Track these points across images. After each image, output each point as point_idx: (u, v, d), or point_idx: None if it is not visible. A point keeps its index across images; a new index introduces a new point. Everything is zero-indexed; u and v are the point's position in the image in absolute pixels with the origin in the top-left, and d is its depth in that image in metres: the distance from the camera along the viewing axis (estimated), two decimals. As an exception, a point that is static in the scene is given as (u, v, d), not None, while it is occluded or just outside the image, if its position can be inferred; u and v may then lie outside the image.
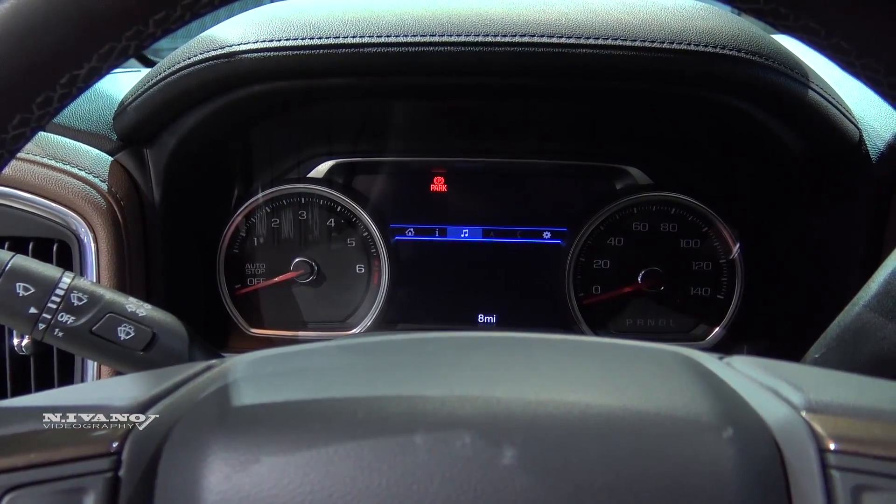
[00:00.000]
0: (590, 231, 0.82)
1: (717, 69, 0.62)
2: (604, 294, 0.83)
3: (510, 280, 0.86)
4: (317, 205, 0.85)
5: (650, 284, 0.82)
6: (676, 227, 0.82)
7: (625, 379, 0.34)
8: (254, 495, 0.28)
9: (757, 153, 0.75)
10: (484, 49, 0.62)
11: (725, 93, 0.64)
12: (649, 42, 0.60)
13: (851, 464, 0.29)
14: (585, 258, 0.83)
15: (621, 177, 0.84)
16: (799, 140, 0.67)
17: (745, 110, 0.66)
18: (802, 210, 0.73)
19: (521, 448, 0.28)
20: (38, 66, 0.30)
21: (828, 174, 0.69)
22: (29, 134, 0.32)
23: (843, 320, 0.51)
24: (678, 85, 0.64)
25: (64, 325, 0.44)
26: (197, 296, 0.82)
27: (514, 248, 0.86)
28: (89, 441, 0.30)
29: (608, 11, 0.62)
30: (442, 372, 0.35)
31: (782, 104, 0.64)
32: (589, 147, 0.84)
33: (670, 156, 0.83)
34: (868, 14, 0.29)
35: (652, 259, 0.82)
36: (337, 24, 0.65)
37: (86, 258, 0.67)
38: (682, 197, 0.81)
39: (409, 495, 0.27)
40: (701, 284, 0.82)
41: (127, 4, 0.30)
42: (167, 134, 0.73)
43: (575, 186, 0.85)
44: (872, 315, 0.49)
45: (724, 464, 0.29)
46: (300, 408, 0.32)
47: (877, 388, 0.34)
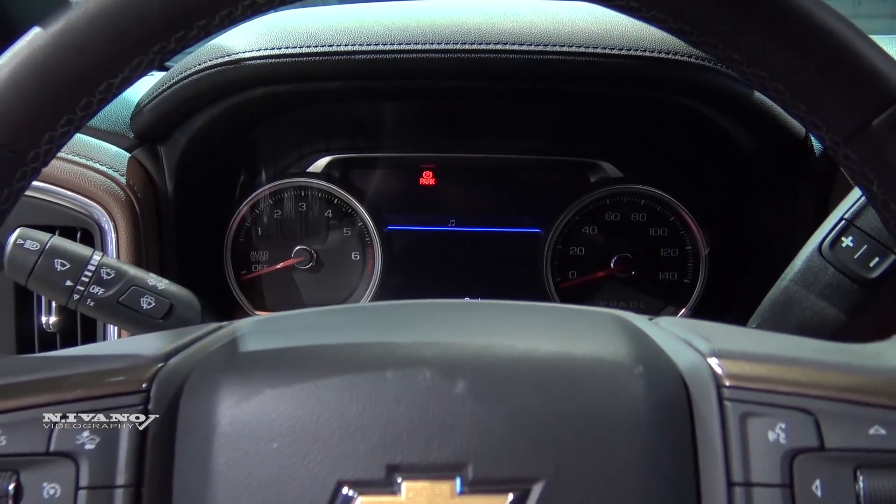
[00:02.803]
0: (566, 221, 0.88)
1: (671, 73, 0.68)
2: (579, 278, 0.89)
3: (493, 266, 0.91)
4: (316, 197, 0.90)
5: (622, 269, 0.87)
6: (646, 217, 0.88)
7: (560, 330, 0.40)
8: (257, 419, 0.33)
9: (714, 149, 0.81)
10: (461, 55, 0.68)
11: (680, 94, 0.70)
12: (609, 49, 0.67)
13: (741, 396, 0.34)
14: (562, 246, 0.88)
15: (595, 171, 0.89)
16: (749, 137, 0.73)
17: (699, 110, 0.72)
18: (755, 201, 0.78)
19: (469, 380, 0.34)
20: (81, 76, 0.35)
21: (776, 169, 0.74)
22: (72, 132, 0.37)
23: (773, 294, 0.58)
24: (636, 87, 0.70)
25: (95, 296, 0.51)
26: (206, 280, 0.87)
27: (497, 236, 0.91)
28: (124, 382, 0.35)
29: (573, 21, 0.69)
30: (410, 325, 0.41)
31: (732, 104, 0.70)
32: (565, 144, 0.89)
33: (639, 151, 0.88)
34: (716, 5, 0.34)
35: (623, 246, 0.88)
36: (331, 34, 0.71)
37: (106, 244, 0.73)
38: (650, 189, 0.86)
39: (380, 417, 0.33)
40: (668, 269, 0.88)
41: (153, 27, 0.35)
42: (179, 132, 0.78)
43: (552, 180, 0.90)
44: (797, 288, 0.56)
45: (638, 395, 0.34)
46: (294, 352, 0.37)
47: (773, 339, 0.40)
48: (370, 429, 0.33)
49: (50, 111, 0.35)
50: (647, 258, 0.88)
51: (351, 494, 0.32)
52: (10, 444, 0.33)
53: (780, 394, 0.34)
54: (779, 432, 0.33)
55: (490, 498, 0.32)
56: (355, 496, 0.32)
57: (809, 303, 0.55)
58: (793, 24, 0.33)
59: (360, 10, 0.76)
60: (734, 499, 0.32)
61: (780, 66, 0.34)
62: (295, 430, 0.33)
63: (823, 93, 0.34)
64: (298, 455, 0.33)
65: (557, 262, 0.89)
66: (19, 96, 0.35)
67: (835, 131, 0.35)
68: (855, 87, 0.33)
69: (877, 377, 0.34)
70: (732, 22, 0.34)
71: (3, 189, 0.36)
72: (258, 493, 0.32)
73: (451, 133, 0.91)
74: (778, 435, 0.33)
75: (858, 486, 0.32)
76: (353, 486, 0.32)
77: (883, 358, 0.36)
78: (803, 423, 0.33)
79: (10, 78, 0.34)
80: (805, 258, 0.56)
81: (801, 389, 0.34)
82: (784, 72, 0.34)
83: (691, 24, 0.34)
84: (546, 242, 0.88)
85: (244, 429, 0.33)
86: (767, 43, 0.34)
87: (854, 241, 0.53)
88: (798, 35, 0.33)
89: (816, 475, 0.32)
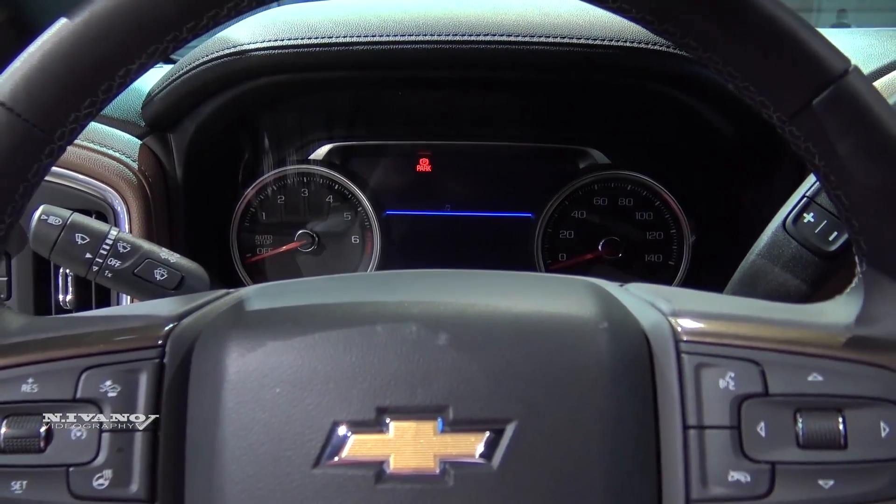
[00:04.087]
0: (556, 205, 0.90)
1: (649, 62, 0.71)
2: (569, 260, 0.92)
3: (486, 248, 0.94)
4: (317, 183, 0.93)
5: (609, 252, 0.90)
6: (632, 202, 0.90)
7: (536, 293, 0.42)
8: (261, 369, 0.36)
9: (695, 136, 0.84)
10: (453, 46, 0.72)
11: (660, 83, 0.73)
12: (591, 40, 0.70)
13: (696, 349, 0.37)
14: (552, 229, 0.91)
15: (583, 157, 0.92)
16: (727, 124, 0.76)
17: (680, 99, 0.75)
18: (735, 185, 0.81)
19: (451, 334, 0.37)
20: (103, 62, 0.37)
21: (753, 153, 0.77)
22: (94, 113, 0.39)
23: (742, 267, 0.61)
24: (619, 77, 0.73)
25: (112, 268, 0.53)
26: (212, 261, 0.90)
27: (490, 220, 0.94)
28: (142, 337, 0.38)
29: (559, 14, 0.72)
30: (399, 288, 0.45)
31: (709, 93, 0.73)
32: (555, 132, 0.92)
33: (625, 139, 0.91)
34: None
35: (611, 230, 0.90)
36: (330, 26, 0.74)
37: (120, 226, 0.76)
38: (636, 175, 0.89)
39: (371, 366, 0.36)
40: (654, 252, 0.91)
41: (168, 17, 0.37)
42: (188, 121, 0.80)
43: (543, 167, 0.93)
44: (763, 262, 0.59)
45: (604, 348, 0.37)
46: (294, 311, 0.40)
47: (728, 300, 0.43)
48: (362, 376, 0.36)
49: (75, 93, 0.38)
50: (633, 241, 0.91)
51: (345, 433, 0.35)
52: (41, 391, 0.36)
53: (731, 346, 0.36)
54: (728, 380, 0.36)
55: (468, 436, 0.35)
56: (349, 434, 0.35)
57: (775, 275, 0.58)
58: (741, 13, 0.37)
59: (358, 4, 0.79)
60: (689, 439, 0.35)
61: (730, 51, 0.37)
62: (295, 378, 0.36)
63: (769, 76, 0.37)
64: (298, 399, 0.35)
65: (548, 245, 0.91)
66: (49, 80, 0.37)
67: (781, 110, 0.38)
68: (797, 69, 0.36)
69: (816, 331, 0.38)
70: (689, 13, 0.37)
71: (33, 164, 0.38)
72: (262, 433, 0.35)
73: (447, 122, 0.93)
74: (728, 383, 0.36)
75: (798, 426, 0.35)
76: (347, 426, 0.35)
77: (823, 315, 0.39)
78: (750, 372, 0.36)
79: (40, 63, 0.37)
80: (771, 233, 0.59)
81: (749, 343, 0.36)
82: (734, 57, 0.37)
83: (652, 14, 0.38)
84: (537, 226, 0.91)
85: (249, 377, 0.36)
86: (718, 30, 0.37)
87: (815, 217, 0.57)
88: (745, 23, 0.36)
89: (761, 417, 0.35)
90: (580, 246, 0.92)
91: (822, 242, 0.57)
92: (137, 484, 0.36)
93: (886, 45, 0.76)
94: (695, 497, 0.35)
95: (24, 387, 0.36)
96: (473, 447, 0.35)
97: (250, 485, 0.35)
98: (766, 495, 0.34)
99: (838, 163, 0.37)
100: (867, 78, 0.37)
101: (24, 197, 0.39)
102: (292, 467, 0.35)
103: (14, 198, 0.39)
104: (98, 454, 0.36)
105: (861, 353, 0.36)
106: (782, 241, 0.58)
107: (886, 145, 0.37)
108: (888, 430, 0.35)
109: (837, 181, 0.38)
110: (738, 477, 0.35)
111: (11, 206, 0.39)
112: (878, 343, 0.37)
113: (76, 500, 0.35)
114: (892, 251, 0.38)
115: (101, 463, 0.36)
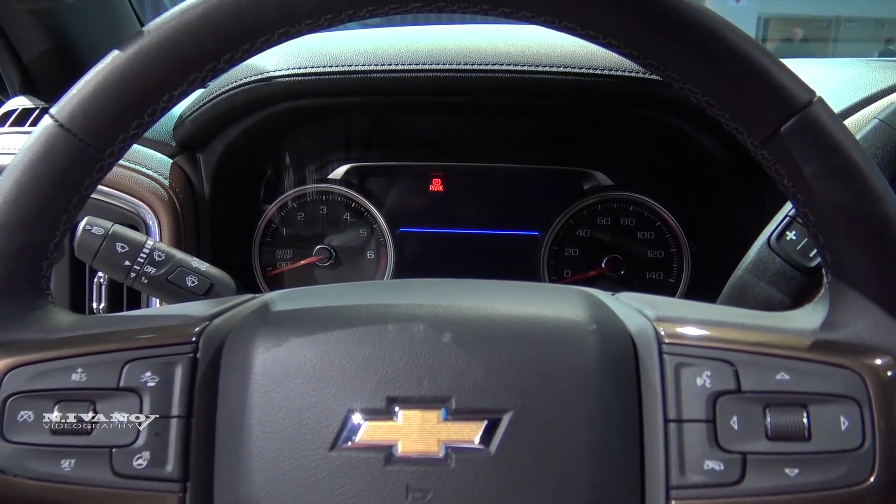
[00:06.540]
0: (561, 224, 0.93)
1: (646, 90, 0.74)
2: (573, 277, 0.94)
3: (494, 265, 0.97)
4: (335, 201, 0.96)
5: (612, 269, 0.93)
6: (634, 221, 0.93)
7: (533, 298, 0.45)
8: (284, 362, 0.39)
9: (690, 159, 0.86)
10: (464, 74, 0.75)
11: (656, 109, 0.77)
12: (591, 69, 0.74)
13: (676, 350, 0.39)
14: (558, 247, 0.94)
15: (587, 179, 0.95)
16: (718, 147, 0.79)
17: (675, 124, 0.78)
18: (728, 205, 0.84)
19: (454, 333, 0.39)
20: (150, 89, 0.41)
21: (744, 175, 0.80)
22: (140, 134, 0.43)
23: (731, 282, 0.64)
24: (619, 103, 0.76)
25: (148, 275, 0.57)
26: (235, 274, 0.91)
27: (499, 238, 0.97)
28: (178, 334, 0.41)
29: (562, 45, 0.76)
30: (409, 293, 0.47)
31: (700, 118, 0.76)
32: (560, 155, 0.95)
33: (627, 161, 0.94)
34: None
35: (613, 248, 0.93)
36: (350, 55, 0.78)
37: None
38: (637, 196, 0.92)
39: (382, 360, 0.39)
40: (655, 269, 0.93)
41: (207, 50, 0.41)
42: (216, 141, 0.83)
43: (549, 187, 0.96)
44: (750, 276, 0.62)
45: (593, 348, 0.39)
46: (314, 312, 0.43)
47: (708, 308, 0.45)
48: (374, 369, 0.38)
49: (124, 116, 0.41)
50: (635, 259, 0.93)
51: (358, 420, 0.38)
52: (89, 380, 0.40)
53: (707, 348, 0.39)
54: (705, 378, 0.38)
55: (469, 424, 0.37)
56: (362, 421, 0.38)
57: (760, 289, 0.61)
58: (716, 51, 0.41)
59: (377, 35, 0.83)
60: (669, 432, 0.38)
61: (707, 84, 0.41)
62: (314, 371, 0.39)
63: (742, 105, 0.41)
64: (317, 389, 0.38)
65: (553, 262, 0.94)
66: (102, 105, 0.40)
67: (753, 136, 0.41)
68: (766, 99, 0.40)
69: (784, 335, 0.41)
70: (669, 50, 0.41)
71: (86, 179, 0.42)
72: (285, 419, 0.38)
73: (458, 145, 0.97)
74: (704, 380, 0.38)
75: (767, 420, 0.37)
76: (361, 413, 0.38)
77: (791, 321, 0.43)
78: (724, 371, 0.38)
79: (94, 90, 0.41)
80: (756, 250, 0.62)
81: (724, 345, 0.39)
82: (710, 88, 0.41)
83: (637, 50, 0.42)
84: (543, 244, 0.93)
85: (273, 370, 0.39)
86: (696, 66, 0.41)
87: (797, 235, 0.60)
88: (720, 59, 0.40)
89: (734, 412, 0.38)
90: (584, 263, 0.94)
91: (803, 258, 0.60)
92: (172, 465, 0.39)
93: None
94: (674, 483, 0.37)
95: (73, 376, 0.39)
96: (473, 434, 0.37)
97: (273, 466, 0.38)
98: (738, 482, 0.37)
99: (804, 184, 0.40)
100: (830, 109, 0.41)
101: (76, 208, 0.43)
102: (311, 450, 0.38)
103: (69, 208, 0.43)
104: (138, 437, 0.39)
105: (824, 354, 0.39)
106: (767, 258, 0.61)
107: (846, 168, 0.40)
108: (847, 423, 0.37)
109: (804, 200, 0.41)
110: (712, 466, 0.37)
111: (66, 216, 0.43)
112: (840, 346, 0.40)
113: (118, 478, 0.38)
114: (852, 263, 0.41)
115: (140, 445, 0.39)
